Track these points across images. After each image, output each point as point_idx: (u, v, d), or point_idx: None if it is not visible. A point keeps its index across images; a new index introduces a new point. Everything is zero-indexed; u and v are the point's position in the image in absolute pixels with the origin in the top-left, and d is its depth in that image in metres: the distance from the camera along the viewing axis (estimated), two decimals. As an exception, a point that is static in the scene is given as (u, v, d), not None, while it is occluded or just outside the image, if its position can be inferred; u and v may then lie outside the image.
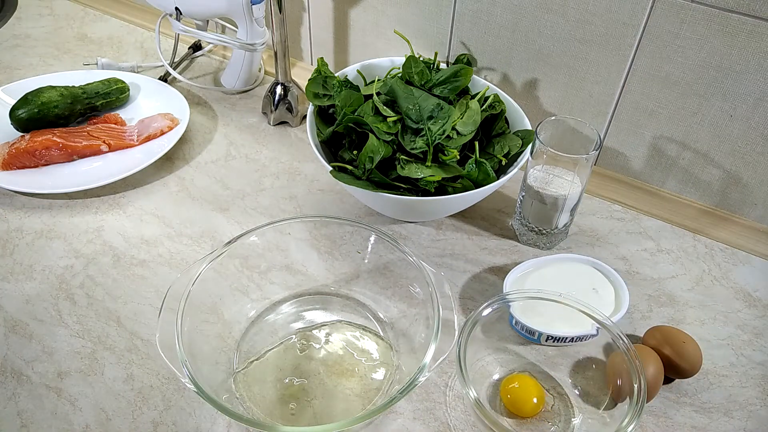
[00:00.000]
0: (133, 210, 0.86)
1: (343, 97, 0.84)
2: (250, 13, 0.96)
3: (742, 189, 0.83)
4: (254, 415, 0.62)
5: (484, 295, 0.76)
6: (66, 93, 0.94)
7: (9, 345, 0.69)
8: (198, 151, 0.95)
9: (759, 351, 0.71)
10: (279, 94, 0.98)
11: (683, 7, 0.74)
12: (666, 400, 0.66)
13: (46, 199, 0.86)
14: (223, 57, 1.14)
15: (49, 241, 0.81)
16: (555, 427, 0.63)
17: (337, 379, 0.66)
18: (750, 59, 0.73)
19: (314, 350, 0.68)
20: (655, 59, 0.79)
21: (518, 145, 0.82)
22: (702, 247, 0.82)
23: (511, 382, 0.65)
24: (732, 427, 0.64)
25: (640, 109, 0.84)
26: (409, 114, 0.79)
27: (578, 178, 0.73)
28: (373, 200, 0.79)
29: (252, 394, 0.64)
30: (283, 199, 0.88)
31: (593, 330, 0.65)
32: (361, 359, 0.67)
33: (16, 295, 0.74)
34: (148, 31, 1.20)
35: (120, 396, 0.65)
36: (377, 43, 1.01)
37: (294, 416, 0.63)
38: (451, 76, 0.84)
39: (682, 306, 0.75)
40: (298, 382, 0.65)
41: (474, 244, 0.82)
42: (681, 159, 0.85)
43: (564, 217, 0.77)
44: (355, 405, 0.64)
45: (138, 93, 1.03)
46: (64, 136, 0.90)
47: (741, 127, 0.78)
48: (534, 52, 0.87)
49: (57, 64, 1.11)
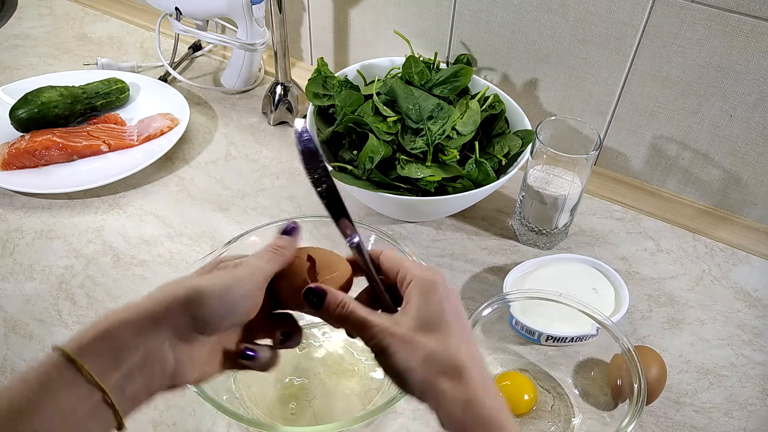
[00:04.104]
0: (133, 210, 0.86)
1: (343, 97, 0.84)
2: (250, 13, 0.96)
3: (742, 189, 0.83)
4: (254, 415, 0.62)
5: (484, 295, 0.76)
6: (66, 93, 0.94)
7: (9, 345, 0.69)
8: (198, 151, 0.95)
9: (759, 351, 0.71)
10: (279, 94, 0.98)
11: (683, 7, 0.74)
12: (666, 400, 0.66)
13: (46, 199, 0.86)
14: (223, 57, 1.14)
15: (49, 241, 0.81)
16: (555, 427, 0.63)
17: (337, 378, 0.66)
18: (750, 59, 0.73)
19: (314, 348, 0.68)
20: (655, 59, 0.79)
21: (518, 145, 0.82)
22: (702, 247, 0.82)
23: (503, 380, 0.65)
24: (732, 427, 0.64)
25: (640, 109, 0.84)
26: (409, 114, 0.79)
27: (578, 178, 0.73)
28: (373, 200, 0.79)
29: (252, 394, 0.64)
30: (283, 199, 0.88)
31: (593, 330, 0.65)
32: (361, 358, 0.67)
33: (16, 295, 0.74)
34: (148, 31, 1.20)
35: (120, 396, 0.65)
36: (377, 43, 1.01)
37: (294, 416, 0.63)
38: (451, 76, 0.84)
39: (682, 306, 0.75)
40: (298, 382, 0.65)
41: (474, 244, 0.82)
42: (681, 159, 0.85)
43: (564, 217, 0.77)
44: (355, 405, 0.64)
45: (138, 93, 1.03)
46: (64, 136, 0.90)
47: (741, 127, 0.78)
48: (534, 52, 0.87)
49: (57, 64, 1.11)
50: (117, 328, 0.37)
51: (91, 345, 0.37)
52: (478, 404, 0.40)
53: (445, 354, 0.41)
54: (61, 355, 0.36)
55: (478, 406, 0.40)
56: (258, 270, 0.43)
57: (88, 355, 0.36)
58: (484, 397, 0.40)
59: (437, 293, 0.43)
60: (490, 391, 0.41)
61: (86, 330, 0.38)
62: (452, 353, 0.41)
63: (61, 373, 0.36)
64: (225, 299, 0.40)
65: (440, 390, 0.40)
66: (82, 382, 0.36)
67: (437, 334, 0.41)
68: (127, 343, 0.37)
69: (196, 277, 0.41)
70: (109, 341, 0.37)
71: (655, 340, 0.72)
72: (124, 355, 0.37)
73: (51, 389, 0.35)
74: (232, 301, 0.41)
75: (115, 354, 0.37)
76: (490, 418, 0.39)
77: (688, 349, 0.71)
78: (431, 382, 0.40)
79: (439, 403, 0.40)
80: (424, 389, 0.41)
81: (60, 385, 0.35)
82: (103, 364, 0.36)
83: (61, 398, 0.35)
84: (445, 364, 0.41)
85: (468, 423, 0.39)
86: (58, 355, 0.36)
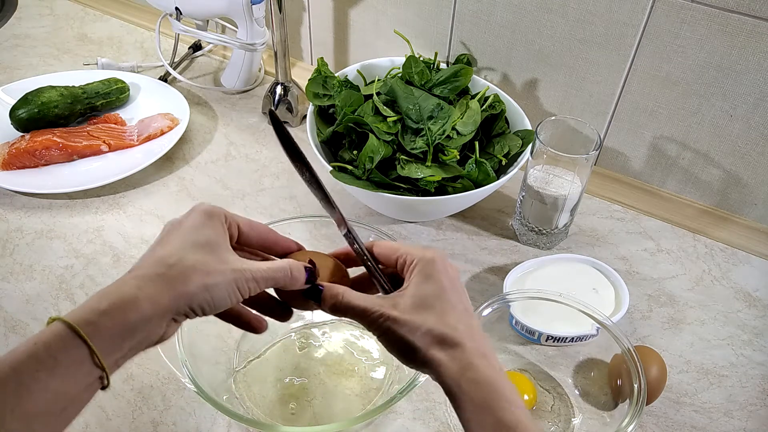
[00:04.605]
0: (133, 210, 0.86)
1: (343, 97, 0.84)
2: (250, 13, 0.96)
3: (742, 189, 0.83)
4: (254, 415, 0.62)
5: (484, 295, 0.76)
6: (66, 93, 0.94)
7: (9, 345, 0.69)
8: (198, 151, 0.95)
9: (759, 351, 0.71)
10: (279, 94, 0.97)
11: (683, 7, 0.74)
12: (666, 400, 0.66)
13: (46, 199, 0.86)
14: (223, 57, 1.14)
15: (49, 241, 0.81)
16: (555, 427, 0.63)
17: (337, 378, 0.66)
18: (750, 59, 0.73)
19: (314, 348, 0.68)
20: (655, 59, 0.79)
21: (518, 145, 0.82)
22: (702, 247, 0.82)
23: None
24: (732, 427, 0.64)
25: (640, 109, 0.84)
26: (409, 114, 0.79)
27: (578, 178, 0.73)
28: (373, 200, 0.79)
29: (252, 394, 0.64)
30: (283, 199, 0.88)
31: (593, 330, 0.65)
32: (361, 358, 0.67)
33: (16, 295, 0.74)
34: (148, 31, 1.20)
35: (120, 396, 0.65)
36: (377, 43, 1.01)
37: (294, 416, 0.63)
38: (451, 76, 0.84)
39: (682, 306, 0.75)
40: (298, 382, 0.65)
41: (474, 244, 0.82)
42: (681, 159, 0.85)
43: (564, 217, 0.77)
44: (355, 405, 0.64)
45: (138, 93, 1.03)
46: (64, 136, 0.90)
47: (741, 127, 0.78)
48: (534, 52, 0.87)
49: (57, 64, 1.11)
50: (129, 313, 0.39)
51: (101, 325, 0.38)
52: (472, 369, 0.42)
53: (442, 329, 0.43)
54: (70, 332, 0.37)
55: (472, 370, 0.42)
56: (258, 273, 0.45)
57: (99, 335, 0.38)
58: (479, 363, 0.42)
59: (436, 271, 0.46)
60: (487, 359, 0.43)
61: (95, 304, 0.39)
62: (449, 328, 0.43)
63: (68, 350, 0.37)
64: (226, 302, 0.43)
65: (438, 360, 0.42)
66: (87, 362, 0.37)
67: (435, 311, 0.44)
68: (137, 328, 0.39)
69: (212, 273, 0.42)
70: (121, 325, 0.38)
71: (655, 340, 0.72)
72: (129, 337, 0.39)
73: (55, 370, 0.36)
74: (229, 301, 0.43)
75: (122, 336, 0.39)
76: (486, 381, 0.41)
77: (688, 349, 0.71)
78: (430, 355, 0.43)
79: (439, 373, 0.43)
80: (425, 362, 0.43)
81: (64, 363, 0.36)
82: (110, 345, 0.38)
83: (62, 375, 0.36)
84: (441, 337, 0.43)
85: (464, 388, 0.42)
86: (65, 330, 0.37)
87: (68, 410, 0.37)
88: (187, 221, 0.45)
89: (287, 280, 0.46)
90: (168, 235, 0.45)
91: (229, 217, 0.47)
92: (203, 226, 0.45)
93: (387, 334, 0.44)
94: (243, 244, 0.49)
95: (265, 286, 0.45)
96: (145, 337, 0.40)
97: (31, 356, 0.36)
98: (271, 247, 0.50)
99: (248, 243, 0.49)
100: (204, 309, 0.42)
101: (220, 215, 0.46)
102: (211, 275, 0.42)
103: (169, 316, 0.40)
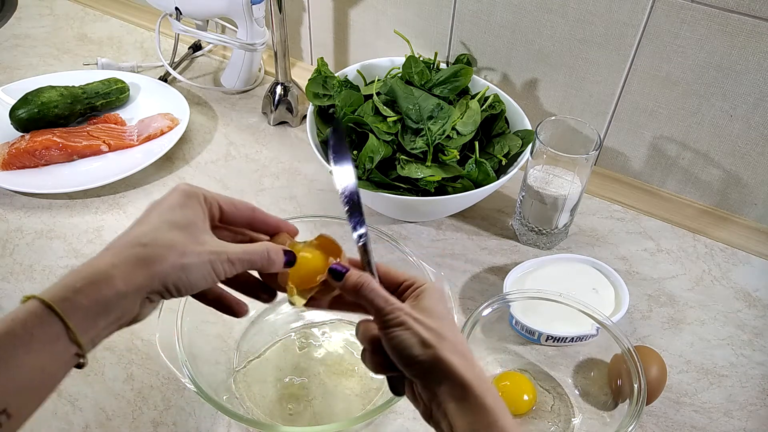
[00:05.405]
0: (133, 210, 0.86)
1: (343, 97, 0.84)
2: (250, 13, 0.96)
3: (742, 189, 0.83)
4: (254, 415, 0.62)
5: (484, 295, 0.76)
6: (66, 93, 0.94)
7: (9, 345, 0.69)
8: (198, 151, 0.95)
9: (759, 351, 0.71)
10: (279, 94, 0.98)
11: (683, 7, 0.74)
12: (666, 400, 0.66)
13: (46, 199, 0.86)
14: (223, 57, 1.14)
15: (49, 241, 0.81)
16: (555, 427, 0.63)
17: (337, 378, 0.66)
18: (750, 59, 0.73)
19: (313, 348, 0.68)
20: (655, 59, 0.79)
21: (518, 145, 0.82)
22: (702, 247, 0.82)
23: (503, 380, 0.65)
24: (732, 427, 0.64)
25: (640, 109, 0.84)
26: (409, 114, 0.79)
27: (578, 178, 0.73)
28: (373, 200, 0.79)
29: (252, 394, 0.64)
30: (283, 199, 0.88)
31: (593, 330, 0.65)
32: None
33: (16, 295, 0.74)
34: (148, 31, 1.20)
35: (120, 396, 0.65)
36: (377, 43, 1.01)
37: (294, 416, 0.63)
38: (451, 76, 0.84)
39: (682, 306, 0.75)
40: (298, 382, 0.65)
41: (474, 244, 0.82)
42: (681, 159, 0.85)
43: (564, 217, 0.77)
44: (355, 405, 0.64)
45: (138, 93, 1.03)
46: (64, 136, 0.90)
47: (741, 127, 0.78)
48: (534, 52, 0.87)
49: (57, 64, 1.11)
50: (103, 289, 0.39)
51: (76, 301, 0.38)
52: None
53: (456, 337, 0.44)
54: (46, 309, 0.37)
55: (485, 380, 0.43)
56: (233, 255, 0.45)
57: (74, 312, 0.38)
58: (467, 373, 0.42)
59: (445, 300, 0.47)
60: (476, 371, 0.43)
61: (69, 281, 0.39)
62: (459, 343, 0.44)
63: (44, 327, 0.37)
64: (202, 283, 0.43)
65: (449, 360, 0.42)
66: (63, 338, 0.37)
67: (446, 323, 0.45)
68: (111, 306, 0.39)
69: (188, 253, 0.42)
70: (95, 302, 0.39)
71: (655, 340, 0.72)
72: (104, 314, 0.39)
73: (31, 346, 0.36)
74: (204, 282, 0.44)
75: (97, 313, 0.39)
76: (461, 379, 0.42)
77: (688, 349, 0.71)
78: (441, 354, 0.42)
79: (450, 371, 0.42)
80: (434, 361, 0.42)
81: (40, 339, 0.37)
82: (85, 321, 0.38)
83: (38, 351, 0.37)
84: (454, 344, 0.43)
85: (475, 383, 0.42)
86: (40, 307, 0.37)
87: (44, 386, 0.38)
88: (165, 201, 0.45)
89: (264, 262, 0.46)
90: (147, 214, 0.45)
91: (209, 197, 0.47)
92: (181, 206, 0.45)
93: (400, 328, 0.43)
94: (227, 222, 0.49)
95: (242, 268, 0.45)
96: (120, 315, 0.40)
97: (8, 332, 0.36)
98: (258, 226, 0.50)
99: (232, 222, 0.49)
100: (179, 289, 0.42)
101: (198, 195, 0.46)
102: (186, 255, 0.42)
103: (143, 293, 0.41)
